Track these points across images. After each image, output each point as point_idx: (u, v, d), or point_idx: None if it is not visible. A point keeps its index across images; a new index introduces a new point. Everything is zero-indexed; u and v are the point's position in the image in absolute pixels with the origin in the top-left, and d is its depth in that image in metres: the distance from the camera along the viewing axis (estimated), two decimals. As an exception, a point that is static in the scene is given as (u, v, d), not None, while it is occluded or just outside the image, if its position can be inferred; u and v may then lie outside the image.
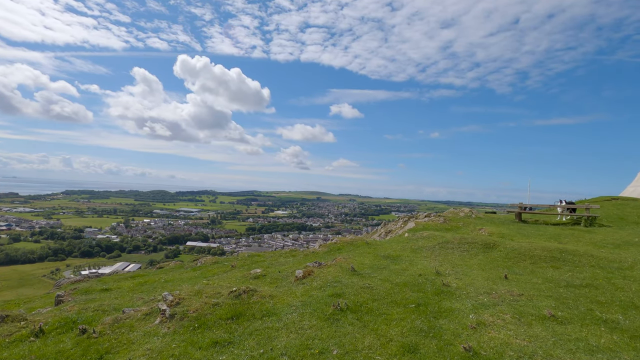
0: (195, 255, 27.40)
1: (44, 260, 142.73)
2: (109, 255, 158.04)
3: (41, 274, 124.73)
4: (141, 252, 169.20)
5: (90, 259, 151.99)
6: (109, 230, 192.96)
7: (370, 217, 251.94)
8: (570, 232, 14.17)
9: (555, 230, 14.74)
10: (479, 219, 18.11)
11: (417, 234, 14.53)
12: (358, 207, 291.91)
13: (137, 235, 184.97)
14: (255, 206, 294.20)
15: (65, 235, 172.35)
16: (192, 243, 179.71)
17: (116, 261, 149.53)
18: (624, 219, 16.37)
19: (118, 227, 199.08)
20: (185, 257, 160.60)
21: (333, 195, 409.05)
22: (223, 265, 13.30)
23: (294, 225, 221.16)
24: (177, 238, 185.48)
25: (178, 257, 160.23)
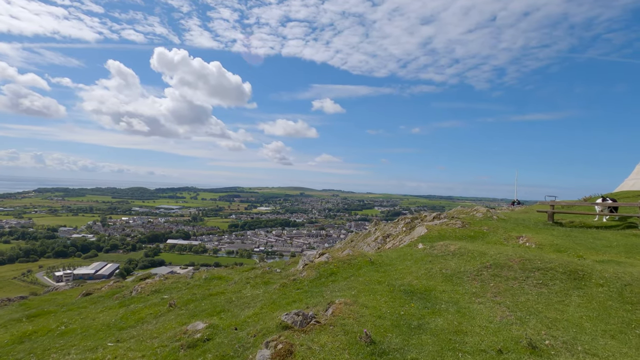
0: (146, 273, 23.37)
1: (15, 261, 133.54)
2: (85, 255, 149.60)
3: (11, 275, 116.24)
4: (119, 251, 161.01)
5: (65, 259, 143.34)
6: (85, 229, 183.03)
7: (353, 212, 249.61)
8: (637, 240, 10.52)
9: (619, 238, 11.02)
10: (503, 222, 14.34)
11: (436, 246, 10.51)
12: (341, 203, 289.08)
13: (115, 234, 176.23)
14: (238, 202, 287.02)
15: (38, 235, 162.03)
16: (172, 241, 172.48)
17: (93, 261, 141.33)
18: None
19: (94, 226, 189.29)
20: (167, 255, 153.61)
21: (316, 191, 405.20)
22: (161, 299, 8.89)
23: (277, 221, 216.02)
24: (157, 236, 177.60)
25: (158, 255, 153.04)
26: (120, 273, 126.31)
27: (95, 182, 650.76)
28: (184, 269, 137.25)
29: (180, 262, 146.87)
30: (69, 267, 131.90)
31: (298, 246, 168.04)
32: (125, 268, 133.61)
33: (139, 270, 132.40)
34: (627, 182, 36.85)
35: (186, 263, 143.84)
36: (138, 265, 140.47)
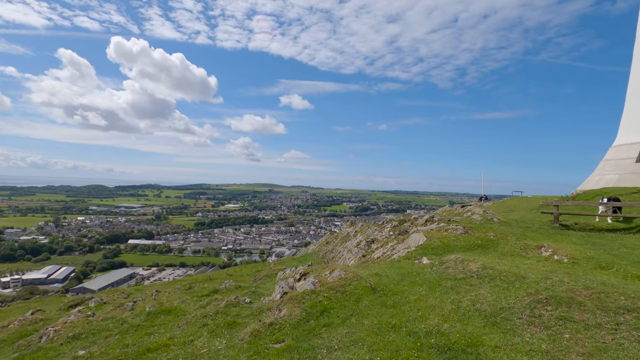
0: (79, 298, 19.90)
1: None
2: (35, 258, 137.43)
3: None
4: (75, 253, 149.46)
5: (12, 264, 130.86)
6: (36, 231, 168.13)
7: (322, 208, 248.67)
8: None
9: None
10: (506, 225, 12.50)
11: (447, 261, 8.32)
12: (310, 199, 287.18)
13: (70, 235, 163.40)
14: (205, 200, 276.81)
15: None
16: (134, 241, 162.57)
17: (44, 265, 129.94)
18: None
19: (46, 227, 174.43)
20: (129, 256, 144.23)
21: (285, 187, 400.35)
22: (74, 358, 5.98)
23: (245, 218, 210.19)
24: (117, 236, 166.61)
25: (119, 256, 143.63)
26: (77, 277, 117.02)
27: (47, 179, 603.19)
28: (147, 269, 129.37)
29: (143, 263, 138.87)
30: (17, 272, 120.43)
31: (267, 243, 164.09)
32: (81, 271, 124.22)
33: (97, 273, 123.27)
34: (592, 177, 37.03)
35: (149, 264, 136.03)
36: (96, 267, 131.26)
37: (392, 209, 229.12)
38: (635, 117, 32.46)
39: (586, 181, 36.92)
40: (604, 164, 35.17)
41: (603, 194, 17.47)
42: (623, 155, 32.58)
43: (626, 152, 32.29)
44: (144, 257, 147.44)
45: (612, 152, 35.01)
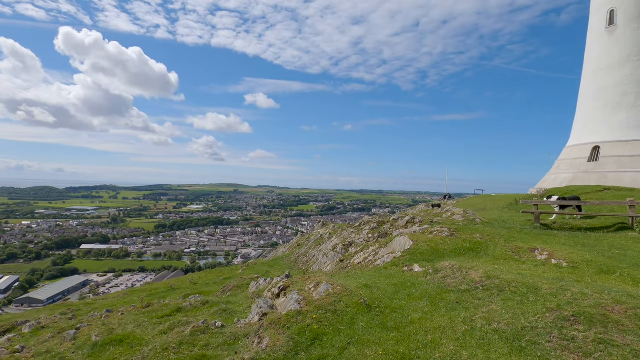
0: (9, 324, 16.82)
1: None
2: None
3: None
4: (19, 260, 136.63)
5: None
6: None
7: (289, 208, 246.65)
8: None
9: (630, 243, 9.19)
10: (489, 226, 12.06)
11: (442, 269, 7.54)
12: (277, 199, 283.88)
13: (13, 241, 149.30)
14: (166, 201, 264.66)
15: None
16: (88, 246, 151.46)
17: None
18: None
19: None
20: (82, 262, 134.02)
21: (251, 187, 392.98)
22: None
23: (209, 219, 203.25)
24: (68, 241, 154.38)
25: (70, 263, 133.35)
26: (22, 286, 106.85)
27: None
28: (102, 276, 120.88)
29: (98, 269, 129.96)
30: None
31: (232, 244, 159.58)
32: (27, 280, 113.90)
33: (46, 282, 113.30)
34: (548, 176, 38.76)
35: (105, 270, 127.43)
36: (44, 275, 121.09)
37: (358, 208, 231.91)
38: (586, 120, 34.23)
39: (543, 179, 38.60)
40: (559, 163, 36.89)
41: (571, 192, 17.77)
42: (576, 155, 34.25)
43: (579, 152, 33.96)
44: (98, 263, 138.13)
45: (566, 152, 36.76)
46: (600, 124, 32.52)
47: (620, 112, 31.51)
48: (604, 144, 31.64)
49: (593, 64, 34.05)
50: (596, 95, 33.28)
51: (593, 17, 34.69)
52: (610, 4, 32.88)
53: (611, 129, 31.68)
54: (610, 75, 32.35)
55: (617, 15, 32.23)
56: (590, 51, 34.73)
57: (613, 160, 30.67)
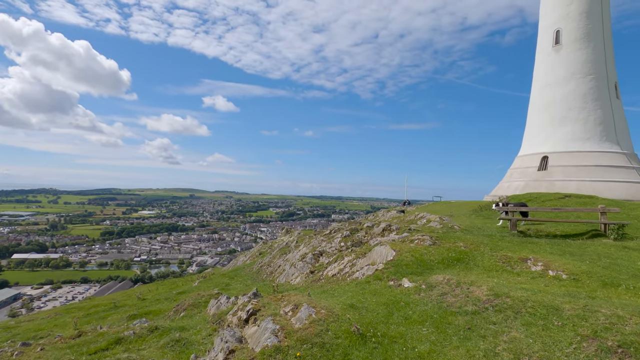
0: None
1: None
2: None
3: None
4: None
5: None
6: None
7: (248, 214, 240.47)
8: None
9: (624, 254, 8.86)
10: (468, 233, 11.45)
11: (437, 285, 6.57)
12: (235, 204, 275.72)
13: None
14: (114, 206, 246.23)
15: None
16: (21, 255, 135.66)
17: None
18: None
19: None
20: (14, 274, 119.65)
21: (208, 192, 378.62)
22: None
23: (163, 226, 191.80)
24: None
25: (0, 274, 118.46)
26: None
27: None
28: (37, 288, 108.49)
29: (33, 280, 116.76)
30: None
31: (187, 252, 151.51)
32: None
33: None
34: (502, 184, 40.35)
35: (41, 281, 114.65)
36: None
37: (318, 214, 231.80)
38: (535, 132, 36.12)
39: (498, 187, 40.12)
40: (512, 172, 38.57)
41: (534, 199, 17.98)
42: (527, 164, 35.95)
43: (530, 162, 35.67)
44: (33, 274, 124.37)
45: (517, 161, 38.53)
46: (548, 135, 34.40)
47: (566, 125, 33.50)
48: (552, 154, 33.43)
49: (541, 80, 36.08)
50: (544, 108, 35.23)
51: (541, 36, 36.88)
52: (557, 24, 35.07)
53: (558, 141, 33.58)
54: (556, 90, 34.38)
55: (563, 36, 34.41)
56: (539, 68, 36.83)
57: (560, 169, 32.44)
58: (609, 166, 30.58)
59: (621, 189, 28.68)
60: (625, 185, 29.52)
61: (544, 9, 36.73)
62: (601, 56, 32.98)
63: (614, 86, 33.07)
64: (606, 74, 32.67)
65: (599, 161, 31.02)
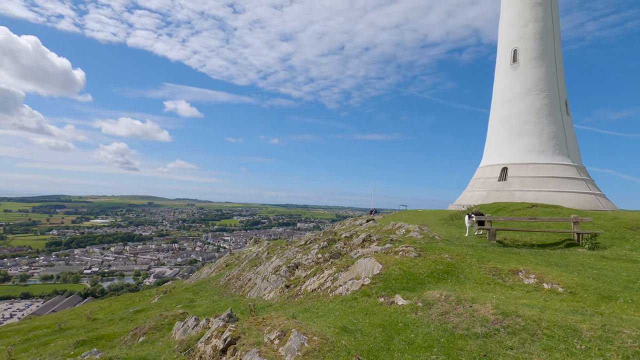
0: None
1: None
2: None
3: None
4: None
5: None
6: None
7: (210, 223, 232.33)
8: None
9: (604, 264, 8.85)
10: (449, 244, 11.13)
11: (435, 302, 6.02)
12: (197, 213, 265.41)
13: None
14: (63, 214, 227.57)
15: None
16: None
17: None
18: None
19: None
20: None
21: (168, 200, 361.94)
22: None
23: (117, 235, 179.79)
24: None
25: None
26: None
27: None
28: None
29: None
30: None
31: (144, 263, 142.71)
32: None
33: None
34: (465, 193, 41.66)
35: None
36: None
37: (283, 222, 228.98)
38: (495, 144, 37.75)
39: (461, 196, 41.37)
40: (474, 182, 39.97)
41: (502, 208, 18.34)
42: (488, 174, 37.39)
43: (490, 172, 37.12)
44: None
45: (479, 171, 40.00)
46: (507, 147, 36.04)
47: (523, 137, 35.28)
48: (510, 165, 34.98)
49: (500, 95, 37.91)
50: (503, 122, 36.96)
51: (500, 54, 38.89)
52: (514, 44, 37.12)
53: (516, 153, 35.26)
54: (514, 105, 36.21)
55: (520, 55, 36.46)
56: (498, 84, 38.71)
57: (518, 180, 33.98)
58: (562, 177, 32.48)
59: (573, 199, 30.49)
60: (577, 195, 31.44)
61: (502, 29, 38.83)
62: (553, 75, 35.27)
63: (564, 103, 35.42)
64: (558, 92, 34.93)
65: (553, 173, 32.86)
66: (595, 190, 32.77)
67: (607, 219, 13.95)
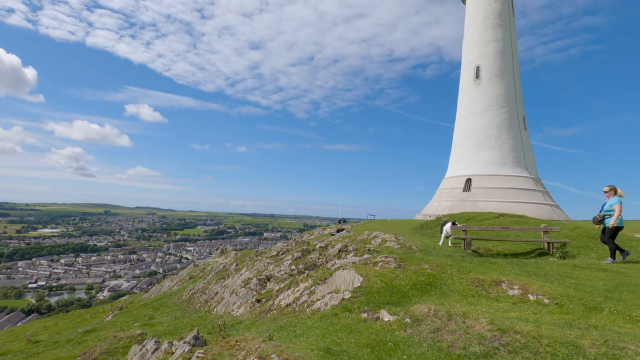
0: None
1: None
2: None
3: None
4: None
5: None
6: None
7: (173, 232, 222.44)
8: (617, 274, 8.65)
9: (579, 273, 8.92)
10: (426, 254, 10.89)
11: (433, 323, 5.59)
12: (159, 222, 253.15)
13: None
14: (5, 223, 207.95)
15: None
16: None
17: None
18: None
19: None
20: None
21: (127, 209, 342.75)
22: None
23: (69, 246, 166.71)
24: None
25: None
26: None
27: None
28: None
29: None
30: None
31: (98, 275, 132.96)
32: None
33: None
34: (432, 203, 42.60)
35: None
36: None
37: (250, 232, 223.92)
38: (460, 155, 39.05)
39: (428, 206, 42.21)
40: (440, 192, 41.01)
41: (472, 218, 18.64)
42: (453, 185, 38.50)
43: (456, 183, 38.25)
44: None
45: (445, 182, 41.13)
46: (471, 159, 37.38)
47: (485, 150, 36.75)
48: (474, 176, 36.23)
49: (464, 109, 39.43)
50: (467, 135, 38.38)
51: (464, 70, 40.59)
52: (477, 61, 38.88)
53: (479, 164, 36.62)
54: (477, 119, 37.76)
55: (482, 71, 38.21)
56: (462, 98, 40.28)
57: (481, 191, 35.21)
58: (521, 189, 34.06)
59: (531, 209, 31.98)
60: (534, 206, 33.04)
61: (466, 47, 40.65)
62: (512, 92, 37.24)
63: (522, 119, 37.45)
64: (516, 108, 36.87)
65: (513, 184, 34.40)
66: (551, 201, 34.63)
67: (569, 228, 14.48)
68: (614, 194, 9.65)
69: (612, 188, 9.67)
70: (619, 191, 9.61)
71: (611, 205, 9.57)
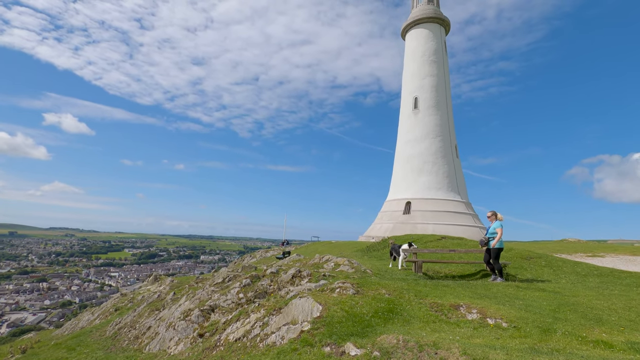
0: None
1: None
2: None
3: None
4: None
5: None
6: None
7: (94, 257, 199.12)
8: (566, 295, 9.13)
9: (531, 294, 9.32)
10: (381, 277, 10.65)
11: (404, 356, 5.23)
12: (78, 244, 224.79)
13: None
14: None
15: None
16: None
17: None
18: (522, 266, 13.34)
19: None
20: None
21: (39, 230, 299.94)
22: None
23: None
24: None
25: None
26: None
27: None
28: None
29: None
30: None
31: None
32: None
33: None
34: (374, 225, 43.76)
35: None
36: None
37: (185, 254, 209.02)
38: (400, 179, 40.96)
39: (371, 228, 43.16)
40: (382, 215, 42.31)
41: (416, 240, 19.18)
42: (394, 208, 40.03)
43: (396, 206, 39.83)
44: None
45: (386, 205, 42.61)
46: (410, 183, 39.36)
47: (423, 175, 39.01)
48: (413, 200, 38.07)
49: (404, 136, 41.81)
50: (406, 160, 40.55)
51: (404, 100, 43.35)
52: (415, 93, 41.81)
53: (418, 189, 38.66)
54: (415, 146, 40.17)
55: (420, 102, 41.10)
56: (402, 126, 42.76)
57: (420, 213, 37.03)
58: (455, 212, 36.49)
59: (464, 231, 34.30)
60: (466, 228, 35.50)
61: (405, 77, 43.64)
62: (446, 122, 40.48)
63: (454, 147, 40.70)
64: (450, 137, 40.05)
65: (447, 207, 36.75)
66: (480, 224, 37.53)
67: (504, 250, 15.52)
68: (495, 219, 10.69)
69: (494, 213, 10.76)
70: (499, 215, 10.69)
71: (495, 228, 10.57)
